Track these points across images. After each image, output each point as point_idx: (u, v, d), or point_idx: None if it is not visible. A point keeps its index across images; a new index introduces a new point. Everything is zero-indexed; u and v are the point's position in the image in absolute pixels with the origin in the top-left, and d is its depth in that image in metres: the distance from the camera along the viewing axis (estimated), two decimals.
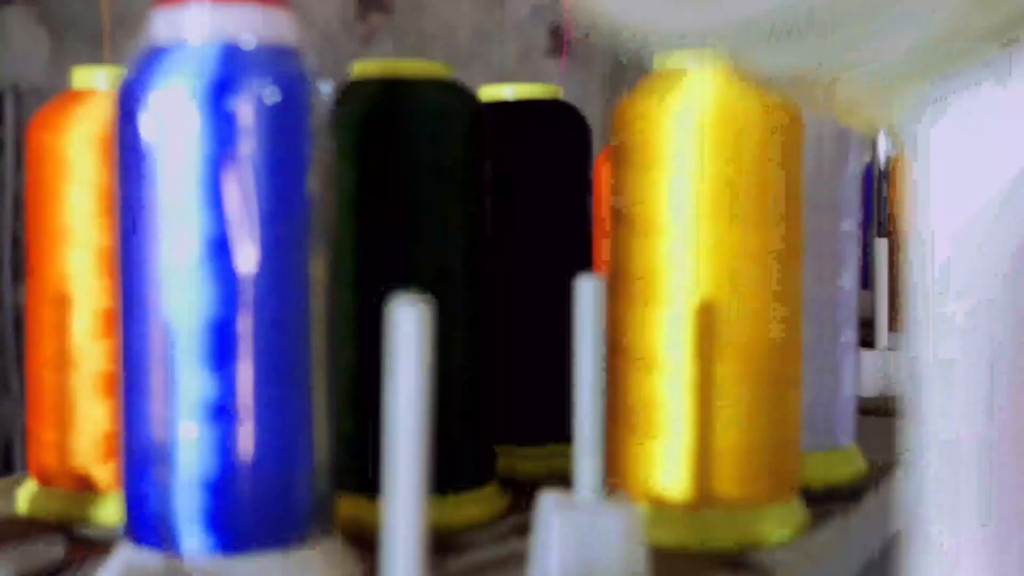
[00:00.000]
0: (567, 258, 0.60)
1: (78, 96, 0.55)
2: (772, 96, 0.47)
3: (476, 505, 0.52)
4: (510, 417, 0.59)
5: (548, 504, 0.42)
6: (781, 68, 0.28)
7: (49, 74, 2.59)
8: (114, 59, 0.60)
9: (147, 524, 0.42)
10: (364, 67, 0.52)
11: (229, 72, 0.40)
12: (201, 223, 0.41)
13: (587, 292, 0.41)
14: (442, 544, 0.50)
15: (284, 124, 0.41)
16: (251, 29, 0.41)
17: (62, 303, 0.54)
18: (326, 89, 0.43)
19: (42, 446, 0.55)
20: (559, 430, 0.58)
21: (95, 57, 1.20)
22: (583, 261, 0.60)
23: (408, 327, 0.31)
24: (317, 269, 0.43)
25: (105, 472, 0.54)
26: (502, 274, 0.56)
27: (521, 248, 0.59)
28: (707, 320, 0.48)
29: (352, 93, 0.51)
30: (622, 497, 0.43)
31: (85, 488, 0.54)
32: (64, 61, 1.38)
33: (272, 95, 0.41)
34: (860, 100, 0.27)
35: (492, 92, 0.62)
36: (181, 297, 0.41)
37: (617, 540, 0.41)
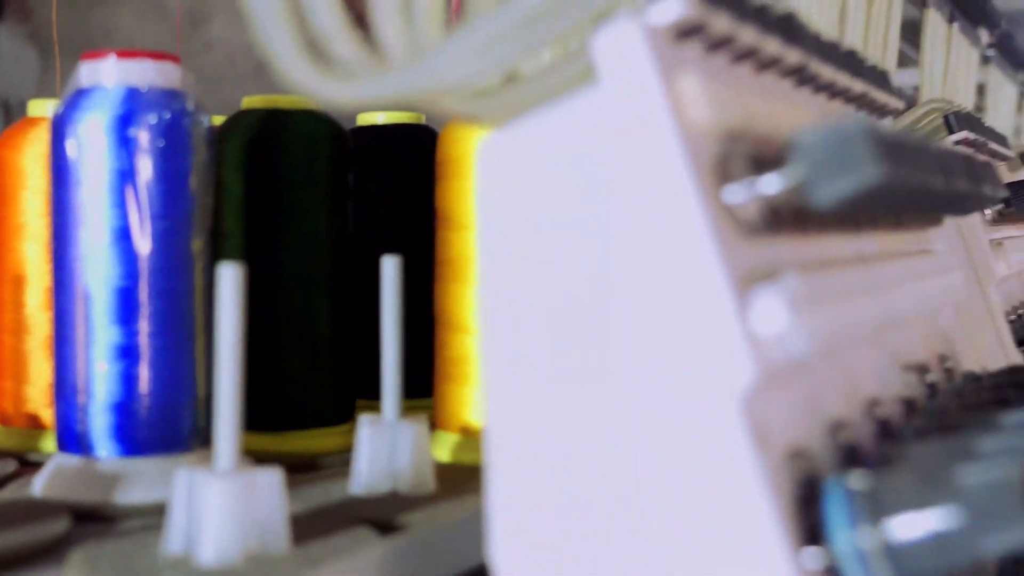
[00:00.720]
0: (412, 250, 0.75)
1: (32, 122, 0.70)
2: None
3: (337, 437, 0.68)
4: (369, 375, 0.74)
5: (363, 423, 0.58)
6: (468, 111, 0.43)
7: (38, 90, 2.76)
8: None
9: (72, 438, 0.58)
10: (251, 100, 0.68)
11: (130, 108, 0.56)
12: (110, 217, 0.56)
13: (389, 271, 0.57)
14: (307, 463, 0.65)
15: (170, 145, 0.57)
16: (147, 77, 0.57)
17: (19, 283, 0.70)
18: (204, 119, 0.58)
19: (2, 395, 0.71)
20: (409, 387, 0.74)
21: None
22: (426, 253, 0.75)
23: (227, 283, 0.46)
24: (197, 249, 0.58)
25: (50, 414, 0.69)
26: (362, 260, 0.71)
27: (377, 241, 0.74)
28: None
29: (241, 120, 0.67)
30: (419, 420, 0.58)
31: (35, 426, 0.69)
32: (53, 77, 1.54)
33: (161, 124, 0.56)
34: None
35: (368, 118, 0.78)
36: (96, 271, 0.57)
37: (409, 449, 0.57)
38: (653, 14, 0.37)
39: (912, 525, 0.36)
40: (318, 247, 0.67)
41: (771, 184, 0.38)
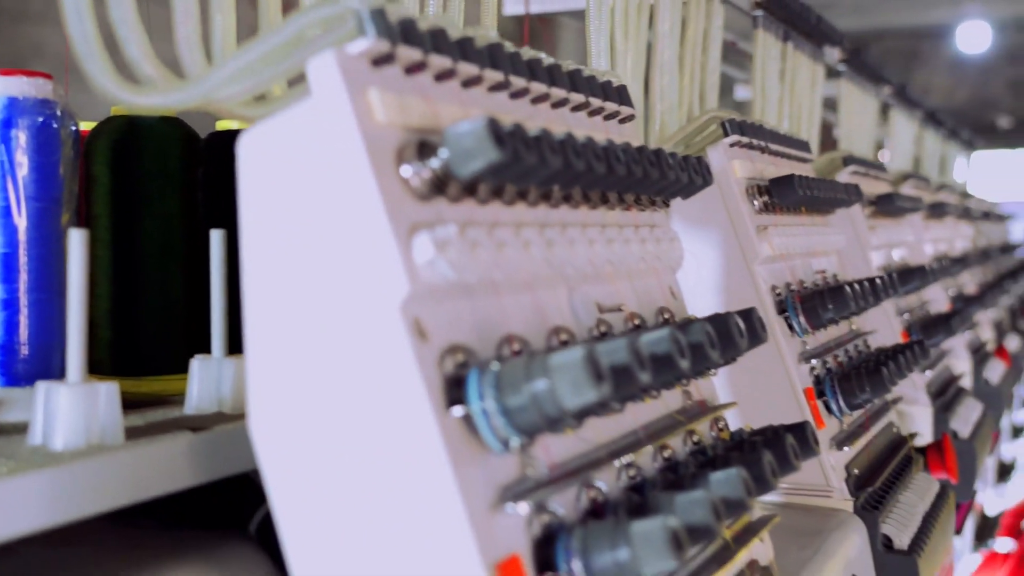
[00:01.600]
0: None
1: None
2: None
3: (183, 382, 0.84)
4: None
5: (195, 360, 0.74)
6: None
7: None
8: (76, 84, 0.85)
9: None
10: (118, 108, 0.84)
11: (10, 114, 0.72)
12: None
13: (216, 241, 0.74)
14: (155, 401, 0.81)
15: (42, 143, 0.73)
16: (24, 90, 0.73)
17: None
18: (72, 122, 0.75)
19: None
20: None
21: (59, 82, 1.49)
22: None
23: (75, 245, 0.63)
24: (65, 223, 0.75)
25: None
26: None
27: (224, 222, 0.91)
28: None
29: (107, 124, 0.83)
30: (241, 358, 0.75)
31: None
32: None
33: (35, 127, 0.73)
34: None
35: (224, 124, 0.95)
36: None
37: (231, 379, 0.74)
38: (350, 47, 0.55)
39: (518, 393, 0.53)
40: (171, 226, 0.84)
41: (432, 164, 0.55)
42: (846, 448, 1.09)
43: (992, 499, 2.63)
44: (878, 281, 1.22)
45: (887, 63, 11.70)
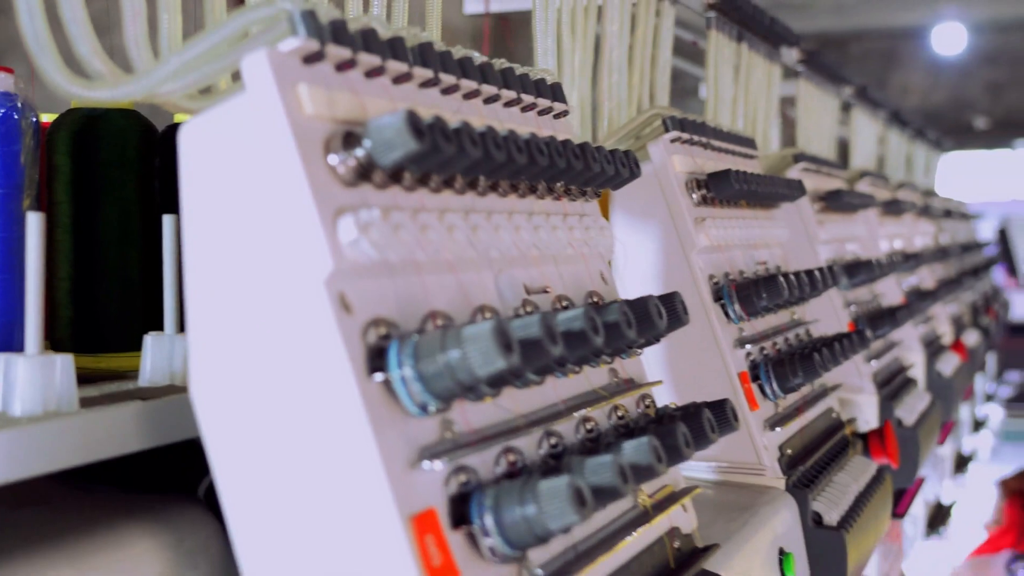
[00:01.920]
0: None
1: None
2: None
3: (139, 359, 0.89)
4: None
5: (148, 336, 0.79)
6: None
7: None
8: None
9: None
10: (77, 102, 0.89)
11: None
12: None
13: (168, 226, 0.79)
14: (113, 376, 0.86)
15: (5, 133, 0.78)
16: None
17: None
18: (32, 114, 0.80)
19: None
20: None
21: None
22: None
23: (32, 227, 0.68)
24: (26, 207, 0.79)
25: None
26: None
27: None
28: None
29: (68, 116, 0.88)
30: None
31: None
32: None
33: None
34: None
35: (181, 118, 1.00)
36: None
37: (182, 354, 0.78)
38: (282, 46, 0.60)
39: (433, 362, 0.58)
40: (129, 212, 0.88)
41: (357, 153, 0.60)
42: (779, 429, 1.15)
43: (950, 489, 2.70)
44: (817, 273, 1.28)
45: (866, 63, 11.84)
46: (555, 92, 0.89)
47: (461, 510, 0.61)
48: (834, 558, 1.13)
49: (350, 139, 0.61)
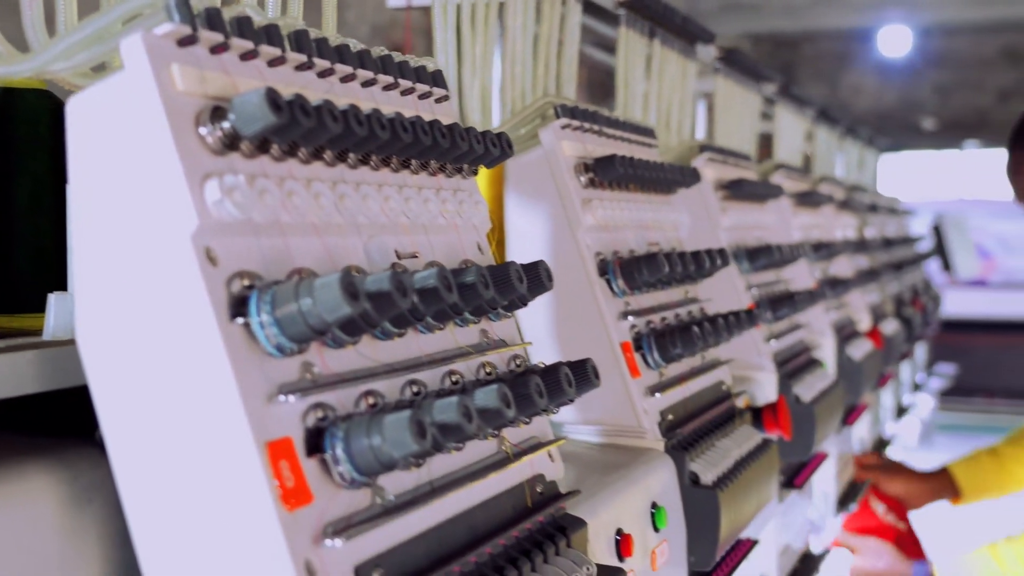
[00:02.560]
0: None
1: None
2: None
3: None
4: None
5: (51, 295, 0.87)
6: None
7: None
8: None
9: None
10: None
11: None
12: None
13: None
14: (28, 334, 0.93)
15: None
16: None
17: None
18: None
19: None
20: None
21: None
22: None
23: None
24: None
25: None
26: None
27: None
28: None
29: None
30: None
31: None
32: None
33: None
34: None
35: None
36: None
37: None
38: (158, 29, 0.68)
39: (287, 308, 0.66)
40: (41, 183, 0.96)
41: (224, 125, 0.68)
42: (659, 395, 1.24)
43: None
44: (703, 254, 1.37)
45: (819, 65, 12.00)
46: (435, 79, 0.97)
47: (317, 441, 0.70)
48: (708, 516, 1.22)
49: (217, 112, 0.69)
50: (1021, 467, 2.46)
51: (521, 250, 1.24)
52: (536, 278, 0.93)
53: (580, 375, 0.94)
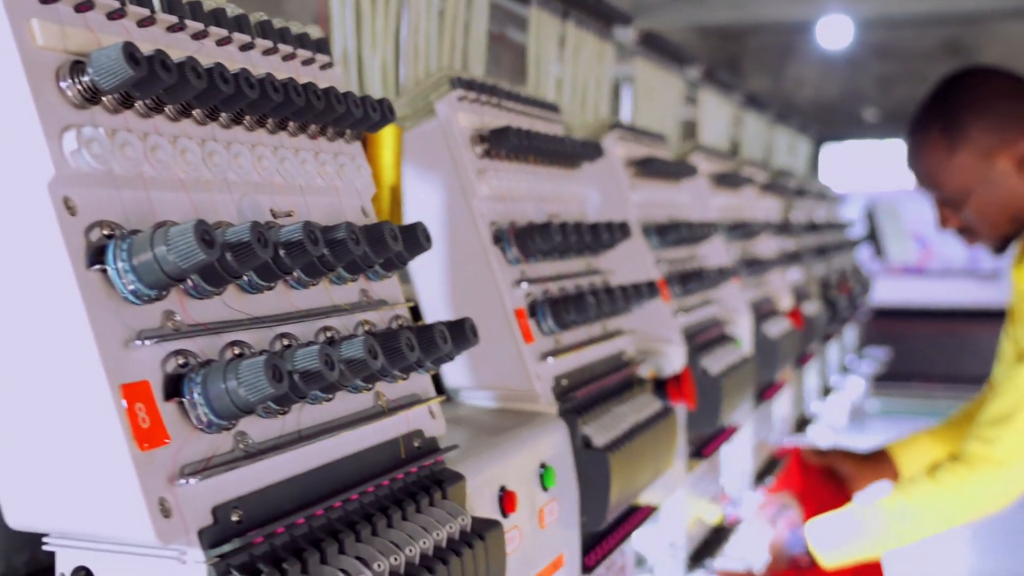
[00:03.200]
0: None
1: None
2: None
3: None
4: None
5: None
6: None
7: None
8: None
9: None
10: None
11: None
12: None
13: None
14: None
15: None
16: None
17: None
18: None
19: None
20: None
21: None
22: None
23: None
24: None
25: None
26: None
27: None
28: None
29: None
30: None
31: None
32: None
33: None
34: None
35: None
36: None
37: None
38: None
39: (142, 256, 0.69)
40: None
41: (84, 79, 0.70)
42: (551, 360, 1.28)
43: (789, 446, 2.88)
44: (602, 226, 1.41)
45: (764, 56, 12.14)
46: (319, 46, 0.99)
47: (177, 385, 0.72)
48: (599, 478, 1.26)
49: (77, 67, 0.71)
50: (958, 446, 2.53)
51: (418, 218, 1.27)
52: (413, 238, 0.96)
53: (457, 333, 0.98)
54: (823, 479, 2.44)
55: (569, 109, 1.94)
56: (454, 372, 1.30)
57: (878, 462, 2.51)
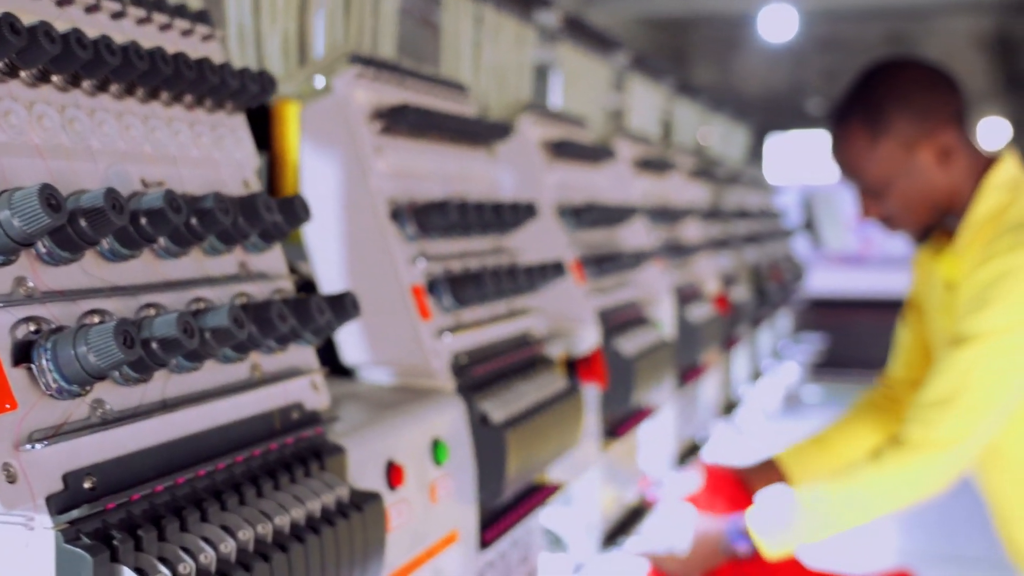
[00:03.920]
0: None
1: None
2: None
3: None
4: None
5: None
6: None
7: None
8: None
9: None
10: None
11: None
12: None
13: None
14: None
15: None
16: None
17: None
18: None
19: None
20: None
21: None
22: None
23: None
24: None
25: None
26: None
27: None
28: None
29: None
30: None
31: None
32: None
33: None
34: None
35: None
36: None
37: None
38: None
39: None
40: None
41: None
42: (449, 337, 1.28)
43: (718, 431, 2.91)
44: (506, 205, 1.42)
45: (710, 48, 12.20)
46: (201, 17, 0.99)
47: (27, 352, 0.72)
48: (496, 454, 1.27)
49: None
50: (843, 443, 2.55)
51: (316, 194, 1.27)
52: (290, 209, 0.96)
53: (337, 305, 0.98)
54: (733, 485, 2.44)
55: (488, 92, 1.94)
56: (352, 349, 1.30)
57: (766, 471, 2.51)
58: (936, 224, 2.25)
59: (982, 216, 2.12)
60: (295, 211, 0.96)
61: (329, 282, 1.29)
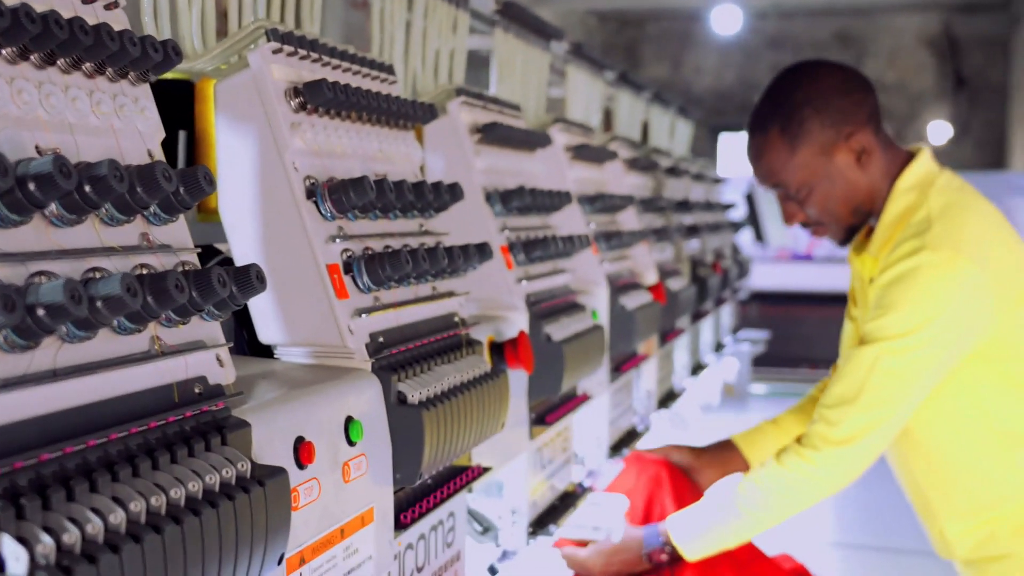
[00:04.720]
0: None
1: None
2: None
3: None
4: None
5: None
6: None
7: None
8: None
9: None
10: None
11: None
12: None
13: None
14: None
15: None
16: None
17: None
18: None
19: None
20: None
21: None
22: None
23: None
24: None
25: None
26: None
27: None
28: None
29: None
30: None
31: None
32: None
33: None
34: None
35: None
36: None
37: None
38: None
39: None
40: None
41: None
42: (365, 317, 1.27)
43: (657, 420, 2.93)
44: (426, 185, 1.41)
45: (664, 44, 12.25)
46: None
47: None
48: (412, 434, 1.26)
49: None
50: (799, 428, 2.58)
51: (231, 171, 1.25)
52: (193, 180, 0.94)
53: (242, 279, 0.97)
54: (669, 479, 2.45)
55: (422, 77, 1.94)
56: (268, 328, 1.29)
57: (723, 453, 2.52)
58: (860, 225, 2.28)
59: (893, 218, 2.15)
60: (198, 182, 0.95)
61: (245, 261, 1.27)
